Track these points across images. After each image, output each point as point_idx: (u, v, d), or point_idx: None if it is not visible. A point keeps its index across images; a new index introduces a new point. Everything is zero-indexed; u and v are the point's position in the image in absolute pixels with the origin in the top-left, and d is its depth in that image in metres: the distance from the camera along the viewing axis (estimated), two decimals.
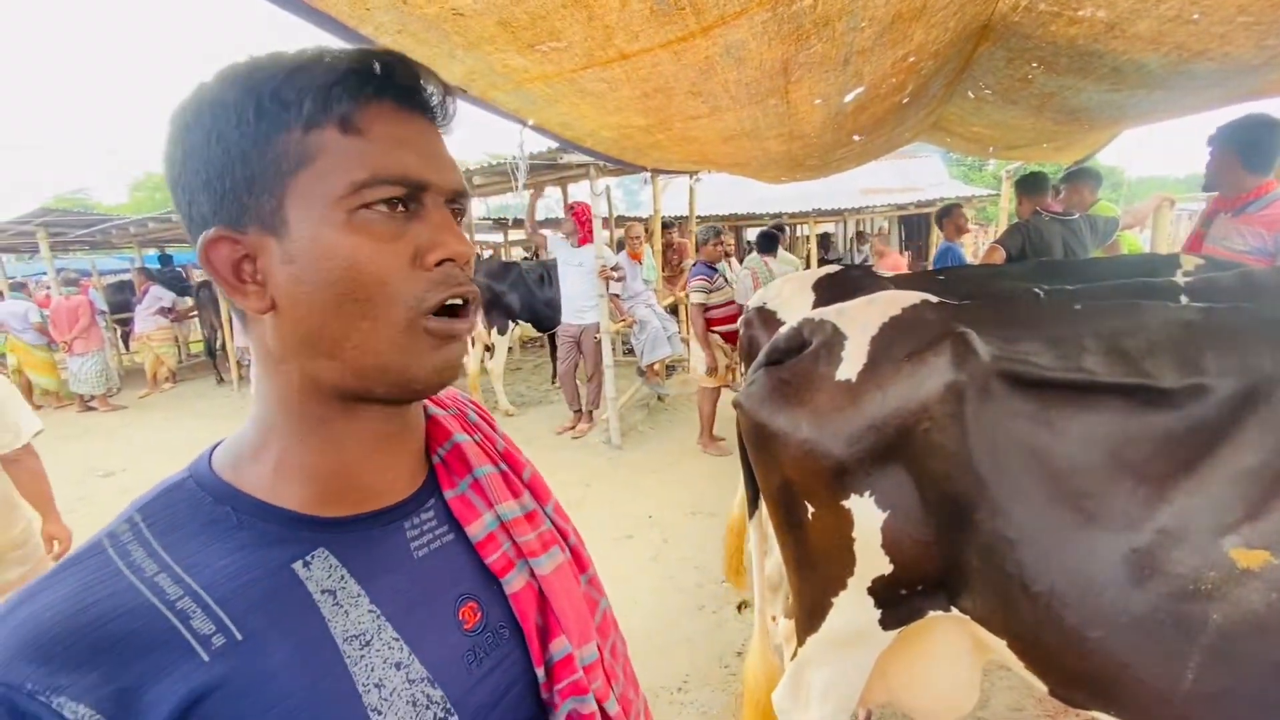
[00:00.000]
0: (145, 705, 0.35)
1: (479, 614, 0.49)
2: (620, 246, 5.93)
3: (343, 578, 0.43)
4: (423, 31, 1.30)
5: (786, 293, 2.26)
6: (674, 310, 6.74)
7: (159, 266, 10.02)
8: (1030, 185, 3.65)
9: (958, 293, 1.51)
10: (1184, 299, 1.44)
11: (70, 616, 0.36)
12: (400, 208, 0.42)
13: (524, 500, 0.56)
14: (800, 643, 1.42)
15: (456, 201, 0.46)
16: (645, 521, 3.67)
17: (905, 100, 2.58)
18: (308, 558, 0.43)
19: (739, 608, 2.76)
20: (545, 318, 6.25)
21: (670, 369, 6.61)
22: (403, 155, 0.42)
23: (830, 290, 2.10)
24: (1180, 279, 1.57)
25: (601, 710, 0.52)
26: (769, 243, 4.69)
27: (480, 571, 0.50)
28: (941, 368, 1.15)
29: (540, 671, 0.50)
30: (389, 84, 0.42)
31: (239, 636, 0.39)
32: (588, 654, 0.52)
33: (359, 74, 0.41)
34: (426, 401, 0.57)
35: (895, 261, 5.62)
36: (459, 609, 0.48)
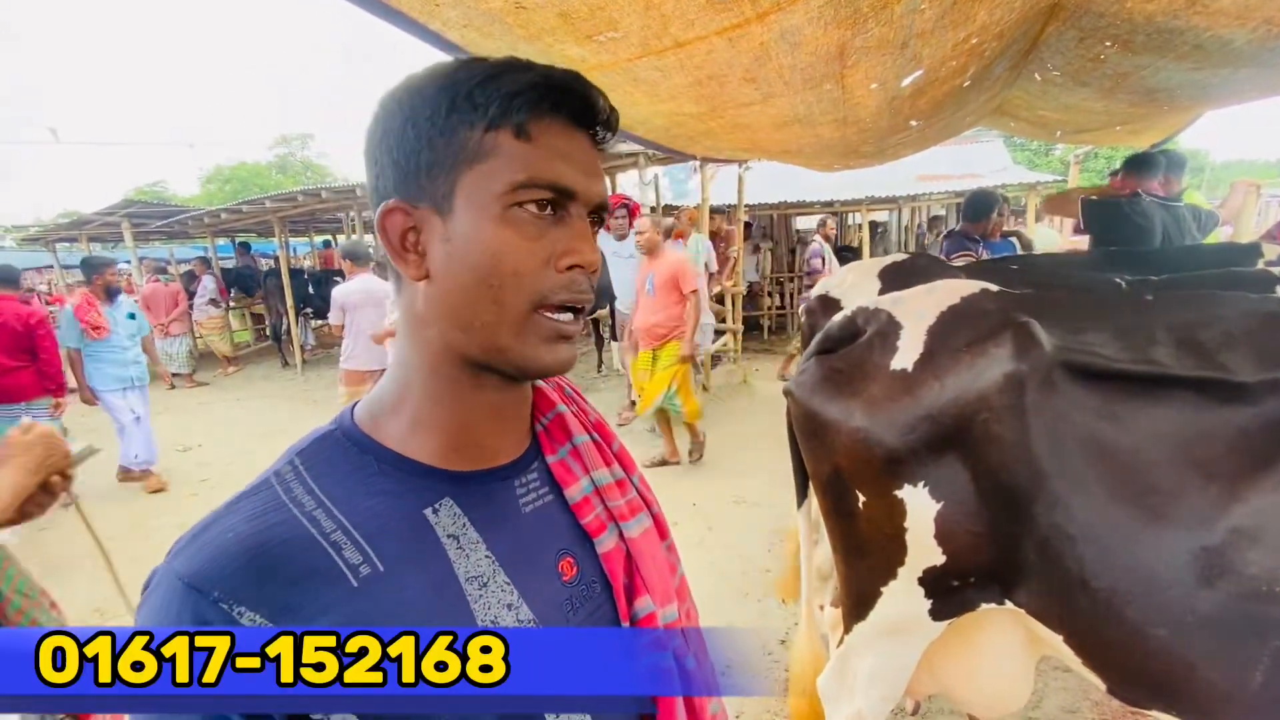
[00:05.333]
0: (305, 617, 0.41)
1: (576, 568, 0.54)
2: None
3: (464, 525, 0.49)
4: (486, 25, 1.34)
5: (850, 280, 2.19)
6: (720, 299, 6.70)
7: (233, 254, 10.51)
8: (1141, 164, 3.19)
9: (1024, 282, 1.46)
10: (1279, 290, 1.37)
11: (248, 538, 0.42)
12: (548, 210, 0.47)
13: (614, 469, 0.61)
14: (847, 630, 1.43)
15: (598, 213, 0.51)
16: (690, 509, 3.70)
17: (966, 84, 2.49)
18: (436, 505, 0.49)
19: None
20: None
21: (716, 359, 6.58)
22: (559, 165, 0.47)
23: (897, 278, 2.03)
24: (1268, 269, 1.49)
25: (679, 665, 0.56)
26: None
27: (576, 530, 0.55)
28: (1002, 358, 1.13)
29: (626, 625, 0.55)
30: (564, 102, 0.48)
31: (381, 568, 0.44)
32: (669, 614, 0.57)
33: (541, 89, 0.47)
34: None
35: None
36: (559, 562, 0.53)
